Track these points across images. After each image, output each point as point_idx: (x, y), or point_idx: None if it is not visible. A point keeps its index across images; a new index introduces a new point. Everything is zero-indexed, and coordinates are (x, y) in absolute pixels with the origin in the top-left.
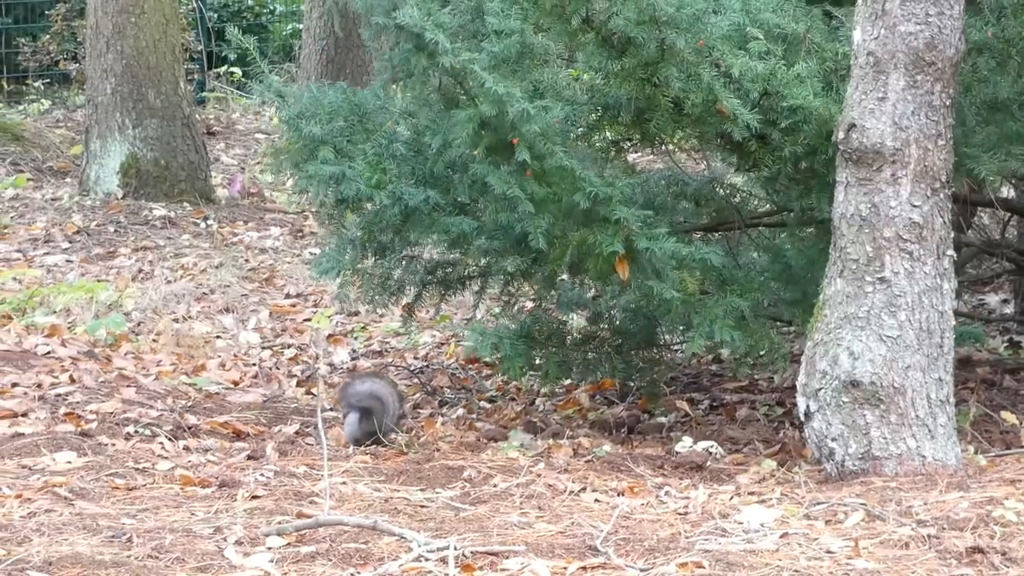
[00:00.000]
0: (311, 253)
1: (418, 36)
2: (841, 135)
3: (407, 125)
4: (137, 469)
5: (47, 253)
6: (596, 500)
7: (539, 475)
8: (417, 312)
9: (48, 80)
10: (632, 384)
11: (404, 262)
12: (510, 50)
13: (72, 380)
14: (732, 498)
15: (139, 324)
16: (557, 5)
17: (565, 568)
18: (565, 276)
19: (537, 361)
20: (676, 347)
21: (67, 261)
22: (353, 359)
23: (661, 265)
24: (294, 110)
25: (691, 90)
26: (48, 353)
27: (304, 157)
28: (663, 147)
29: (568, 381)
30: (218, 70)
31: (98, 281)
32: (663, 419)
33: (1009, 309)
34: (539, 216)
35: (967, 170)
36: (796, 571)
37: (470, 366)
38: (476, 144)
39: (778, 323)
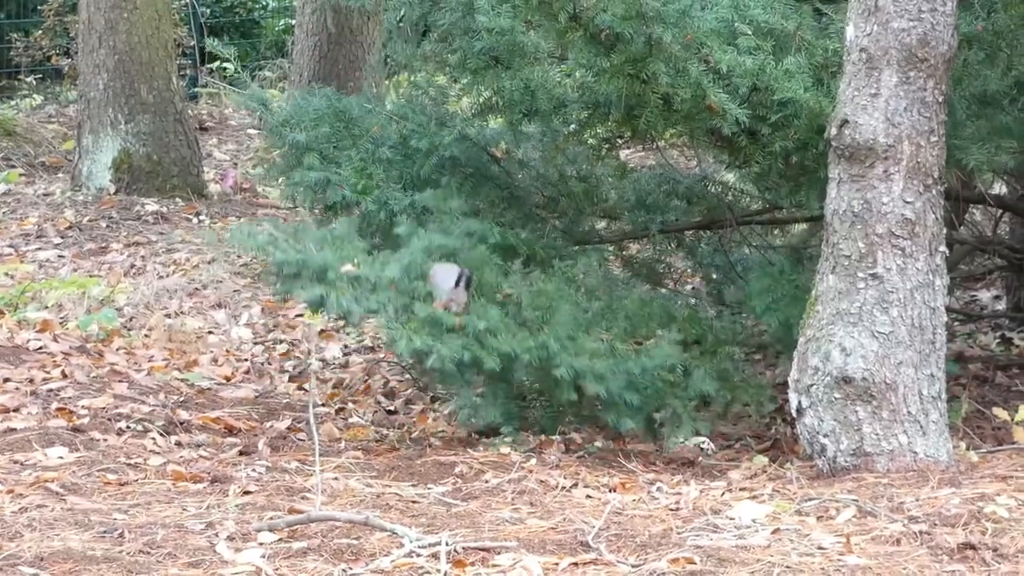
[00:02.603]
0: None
1: None
2: (834, 131)
3: (395, 128)
4: (129, 464)
5: (39, 248)
6: (588, 496)
7: (531, 471)
8: None
9: (40, 75)
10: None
11: None
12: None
13: (64, 375)
14: (724, 494)
15: (131, 319)
16: (544, 1)
17: (556, 564)
18: None
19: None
20: None
21: (59, 256)
22: (345, 354)
23: (616, 396)
24: (279, 118)
25: (680, 85)
26: (40, 348)
27: (291, 164)
28: (654, 144)
29: None
30: (211, 66)
31: (90, 276)
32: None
33: (1001, 305)
34: (494, 388)
35: (956, 161)
36: (788, 567)
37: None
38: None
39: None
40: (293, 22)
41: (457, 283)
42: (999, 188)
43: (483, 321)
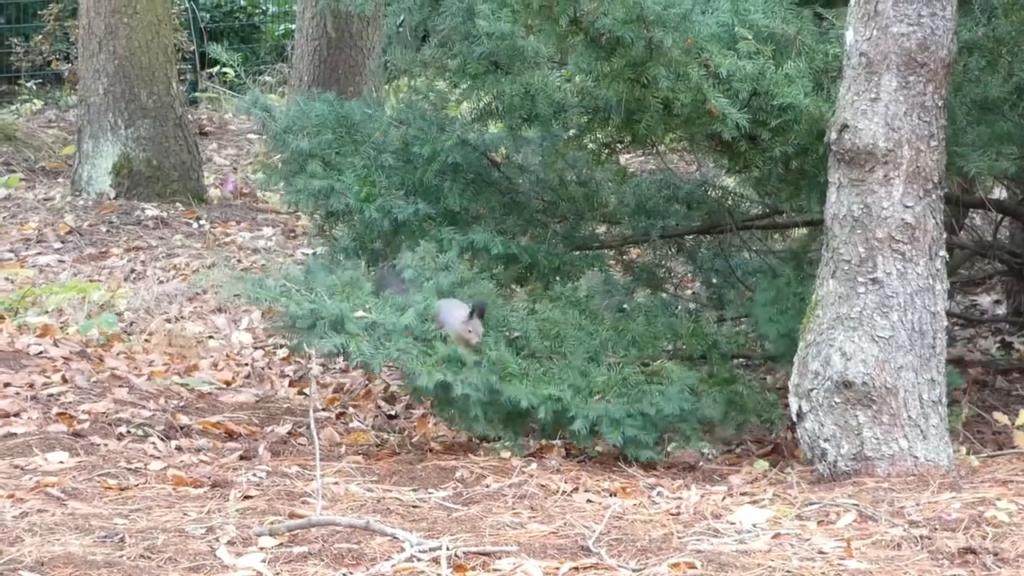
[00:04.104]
0: (303, 253)
1: None
2: (833, 136)
3: (397, 134)
4: (129, 469)
5: (39, 253)
6: (588, 500)
7: (531, 475)
8: None
9: (40, 80)
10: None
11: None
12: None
13: (64, 380)
14: (724, 498)
15: (131, 324)
16: (545, 5)
17: (557, 568)
18: None
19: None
20: None
21: (59, 261)
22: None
23: (634, 438)
24: (281, 124)
25: (680, 90)
26: (40, 353)
27: (293, 171)
28: (654, 149)
29: None
30: (210, 70)
31: (90, 281)
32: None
33: (1001, 310)
34: (512, 426)
35: (957, 168)
36: (788, 572)
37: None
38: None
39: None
40: (293, 27)
41: (471, 315)
42: (999, 192)
43: (495, 353)
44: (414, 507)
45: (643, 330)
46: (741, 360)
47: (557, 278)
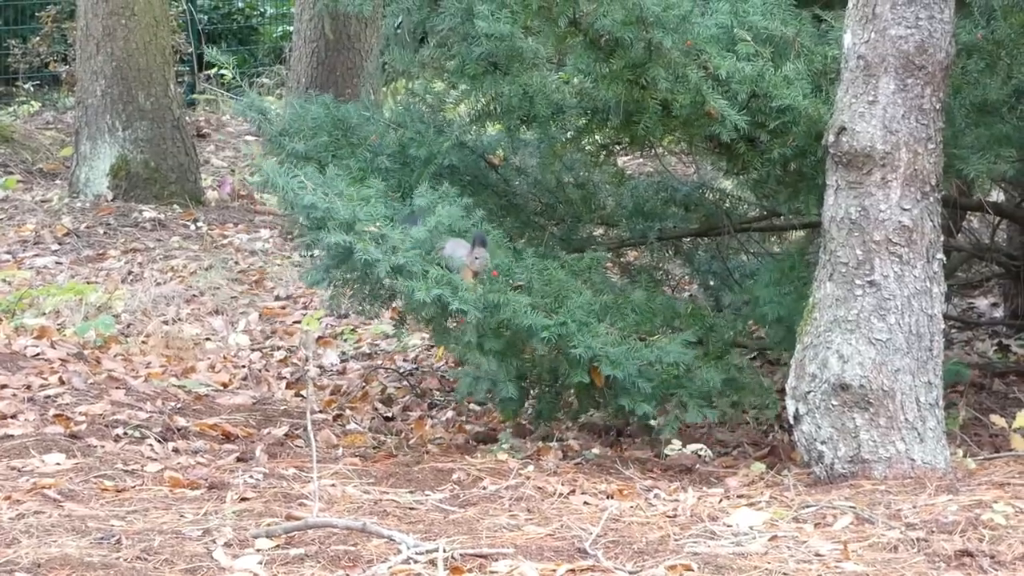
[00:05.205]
0: (301, 255)
1: None
2: (831, 138)
3: (394, 136)
4: (126, 471)
5: (37, 255)
6: (585, 503)
7: (528, 477)
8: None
9: (38, 82)
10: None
11: None
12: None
13: (61, 382)
14: (721, 501)
15: (128, 326)
16: (544, 6)
17: (554, 570)
18: None
19: (531, 399)
20: None
21: (57, 263)
22: (342, 361)
23: (629, 382)
24: (277, 127)
25: (679, 91)
26: (37, 355)
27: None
28: (652, 151)
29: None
30: (208, 72)
31: (88, 283)
32: (652, 422)
33: (999, 313)
34: (507, 363)
35: (955, 171)
36: (785, 574)
37: (459, 368)
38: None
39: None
40: (291, 29)
41: (474, 245)
42: (997, 195)
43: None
44: (411, 509)
45: (642, 302)
46: (738, 351)
47: None
